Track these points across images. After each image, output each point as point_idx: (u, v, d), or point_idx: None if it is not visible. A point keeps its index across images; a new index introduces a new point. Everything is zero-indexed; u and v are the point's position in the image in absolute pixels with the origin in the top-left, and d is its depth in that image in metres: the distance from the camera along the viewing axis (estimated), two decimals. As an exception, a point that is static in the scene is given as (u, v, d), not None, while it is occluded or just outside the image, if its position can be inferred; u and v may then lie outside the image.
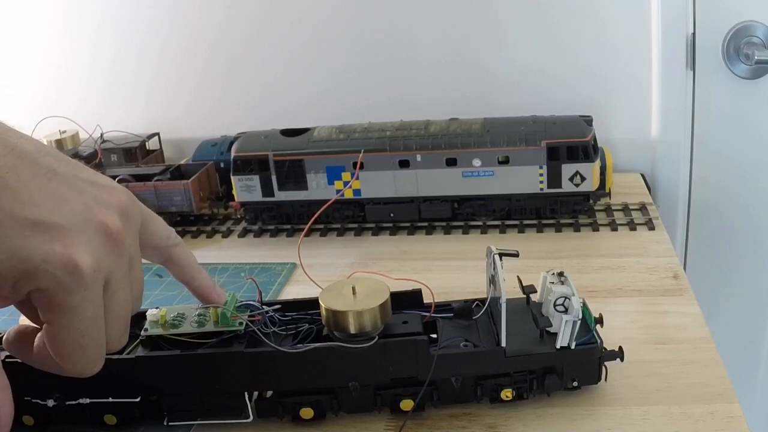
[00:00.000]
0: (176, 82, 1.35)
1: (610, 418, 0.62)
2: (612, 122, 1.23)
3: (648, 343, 0.73)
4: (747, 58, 1.14)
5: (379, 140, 1.02)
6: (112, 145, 1.27)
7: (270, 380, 0.63)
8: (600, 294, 0.83)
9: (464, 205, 1.05)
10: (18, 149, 0.44)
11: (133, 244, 0.49)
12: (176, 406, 0.64)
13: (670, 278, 0.86)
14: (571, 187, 1.00)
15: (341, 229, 1.08)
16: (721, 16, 1.15)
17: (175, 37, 1.31)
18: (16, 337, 0.51)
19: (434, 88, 1.26)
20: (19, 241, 0.42)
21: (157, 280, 0.97)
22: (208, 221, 1.16)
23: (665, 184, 1.24)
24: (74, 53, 1.36)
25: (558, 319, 0.61)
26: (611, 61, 1.20)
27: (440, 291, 0.67)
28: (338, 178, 1.05)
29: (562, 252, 0.96)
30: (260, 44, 1.29)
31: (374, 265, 0.96)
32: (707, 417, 0.61)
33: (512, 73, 1.24)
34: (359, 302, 0.61)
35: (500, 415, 0.64)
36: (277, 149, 1.05)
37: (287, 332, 0.64)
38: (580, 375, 0.64)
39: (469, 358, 0.62)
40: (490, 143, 1.00)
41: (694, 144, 1.23)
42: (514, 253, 0.63)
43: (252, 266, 0.99)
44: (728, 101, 1.20)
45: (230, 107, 1.34)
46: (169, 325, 0.62)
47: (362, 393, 0.63)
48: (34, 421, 0.65)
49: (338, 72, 1.29)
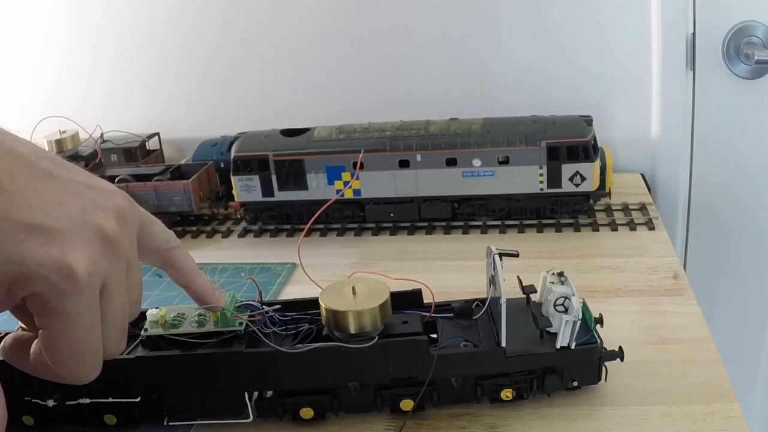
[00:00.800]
0: (176, 82, 1.35)
1: (610, 418, 0.62)
2: (612, 122, 1.23)
3: (648, 343, 0.73)
4: (747, 58, 1.14)
5: (379, 140, 1.02)
6: (112, 145, 1.27)
7: (270, 380, 0.63)
8: (600, 294, 0.83)
9: (464, 205, 1.05)
10: (14, 152, 0.43)
11: (130, 247, 0.49)
12: (176, 406, 0.64)
13: (670, 278, 0.86)
14: (571, 187, 1.00)
15: (341, 229, 1.08)
16: (721, 16, 1.15)
17: (175, 37, 1.32)
18: (13, 344, 0.50)
19: (434, 88, 1.26)
20: (14, 244, 0.42)
21: (157, 280, 0.97)
22: (208, 221, 1.16)
23: (665, 184, 1.24)
24: (74, 53, 1.36)
25: (558, 319, 0.61)
26: (611, 61, 1.20)
27: (440, 291, 0.67)
28: (338, 178, 1.05)
29: (562, 252, 0.96)
30: (260, 44, 1.30)
31: (374, 265, 0.96)
32: (707, 417, 0.61)
33: (512, 73, 1.24)
34: (359, 302, 0.61)
35: (500, 415, 0.64)
36: (277, 149, 1.05)
37: (287, 332, 0.64)
38: (580, 375, 0.64)
39: (469, 358, 0.62)
40: (490, 143, 1.00)
41: (694, 144, 1.23)
42: (514, 253, 0.63)
43: (252, 266, 0.99)
44: (728, 101, 1.20)
45: (230, 107, 1.34)
46: (169, 325, 0.62)
47: (362, 393, 0.63)
48: (34, 421, 0.65)
49: (338, 72, 1.29)
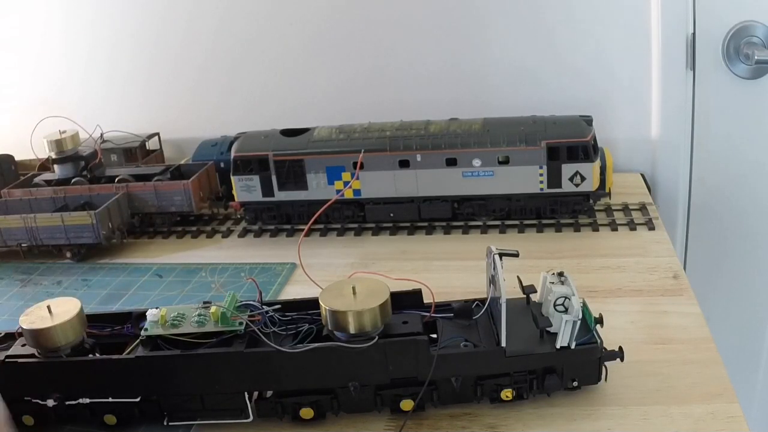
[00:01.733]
0: (176, 82, 1.35)
1: (610, 418, 0.62)
2: (612, 122, 1.23)
3: (648, 343, 0.73)
4: (747, 58, 1.14)
5: (379, 140, 1.02)
6: (112, 145, 1.27)
7: (270, 380, 0.63)
8: (600, 294, 0.83)
9: (464, 205, 1.05)
10: None
11: None
12: (176, 406, 0.64)
13: (670, 278, 0.86)
14: (571, 187, 1.00)
15: (341, 229, 1.08)
16: (721, 16, 1.15)
17: (175, 38, 1.31)
18: None
19: (434, 88, 1.26)
20: None
21: (156, 281, 0.97)
22: (208, 221, 1.16)
23: (665, 184, 1.24)
24: (74, 53, 1.36)
25: (558, 319, 0.61)
26: (611, 61, 1.20)
27: (440, 291, 0.67)
28: (338, 178, 1.05)
29: (562, 252, 0.96)
30: (260, 44, 1.29)
31: (374, 265, 0.96)
32: (707, 417, 0.61)
33: (512, 73, 1.23)
34: (359, 302, 0.61)
35: (500, 415, 0.64)
36: (277, 149, 1.05)
37: (287, 332, 0.64)
38: (580, 375, 0.64)
39: (469, 358, 0.62)
40: (490, 143, 1.00)
41: (694, 144, 1.23)
42: (514, 253, 0.63)
43: (252, 266, 0.99)
44: (728, 101, 1.19)
45: (230, 107, 1.34)
46: (169, 325, 0.62)
47: (362, 393, 0.63)
48: (34, 421, 0.65)
49: (338, 72, 1.29)
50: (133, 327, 0.67)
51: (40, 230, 1.04)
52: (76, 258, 1.06)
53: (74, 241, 1.04)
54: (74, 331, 0.64)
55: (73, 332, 0.64)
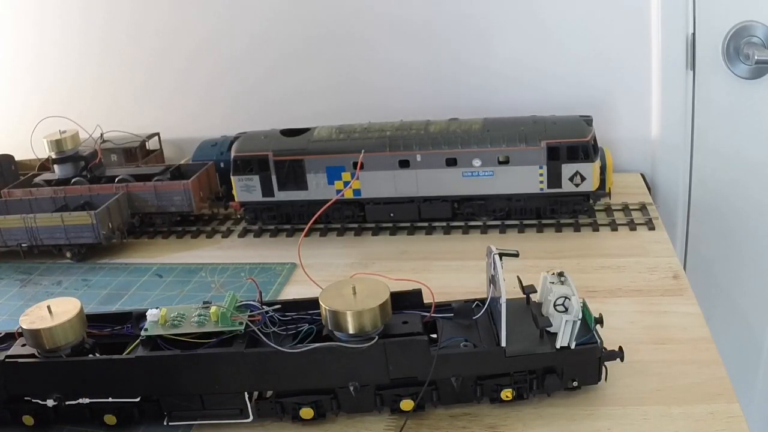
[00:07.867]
0: (177, 82, 1.35)
1: (610, 418, 0.62)
2: (612, 122, 1.22)
3: (648, 343, 0.73)
4: (747, 58, 1.14)
5: (379, 140, 1.02)
6: (112, 145, 1.27)
7: (270, 380, 0.63)
8: (600, 294, 0.83)
9: (464, 205, 1.05)
10: None
11: None
12: (176, 406, 0.64)
13: (670, 278, 0.86)
14: (571, 187, 1.00)
15: (341, 229, 1.08)
16: (721, 16, 1.15)
17: (176, 38, 1.31)
18: None
19: (434, 88, 1.26)
20: None
21: (157, 280, 0.97)
22: (208, 221, 1.16)
23: (665, 184, 1.24)
24: (74, 53, 1.36)
25: (558, 319, 0.61)
26: (611, 61, 1.20)
27: (440, 291, 0.67)
28: (338, 178, 1.04)
29: (562, 252, 0.96)
30: (260, 44, 1.29)
31: (374, 265, 0.96)
32: (707, 417, 0.61)
33: (512, 73, 1.23)
34: (359, 302, 0.61)
35: (500, 415, 0.64)
36: (277, 149, 1.05)
37: (287, 332, 0.65)
38: (580, 375, 0.64)
39: (469, 358, 0.62)
40: (490, 143, 1.00)
41: (694, 144, 1.23)
42: (514, 253, 0.63)
43: (252, 266, 0.99)
44: (728, 101, 1.19)
45: (230, 107, 1.34)
46: (169, 325, 0.62)
47: (362, 393, 0.63)
48: (34, 421, 0.65)
49: (338, 72, 1.29)
50: (133, 327, 0.67)
51: (40, 230, 1.05)
52: (76, 258, 1.06)
53: (74, 241, 1.04)
54: (74, 331, 0.64)
55: (73, 332, 0.64)
